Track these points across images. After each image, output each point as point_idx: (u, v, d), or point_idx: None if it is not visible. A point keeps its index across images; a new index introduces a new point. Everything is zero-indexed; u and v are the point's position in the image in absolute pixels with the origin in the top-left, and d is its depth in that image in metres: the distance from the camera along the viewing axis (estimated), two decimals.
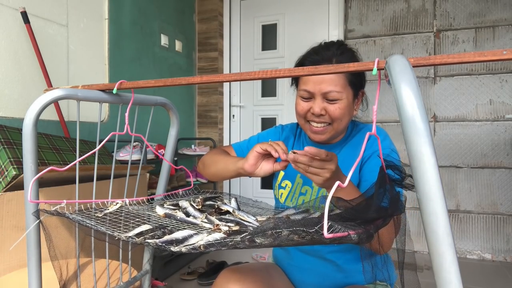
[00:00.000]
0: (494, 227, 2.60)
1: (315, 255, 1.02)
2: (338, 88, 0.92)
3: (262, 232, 0.54)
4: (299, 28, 3.08)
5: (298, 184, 1.06)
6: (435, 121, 2.73)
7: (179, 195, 1.02)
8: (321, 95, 0.94)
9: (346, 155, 1.02)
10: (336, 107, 0.93)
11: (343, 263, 0.99)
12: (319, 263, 1.01)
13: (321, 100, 0.94)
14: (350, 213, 0.56)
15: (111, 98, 0.87)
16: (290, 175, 1.08)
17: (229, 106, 3.29)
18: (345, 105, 0.94)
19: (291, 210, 0.79)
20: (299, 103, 0.99)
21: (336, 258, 1.00)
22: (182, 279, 2.18)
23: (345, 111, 0.94)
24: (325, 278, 1.01)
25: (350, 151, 1.02)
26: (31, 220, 0.79)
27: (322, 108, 0.94)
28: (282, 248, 1.12)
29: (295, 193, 1.05)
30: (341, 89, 0.93)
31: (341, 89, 0.93)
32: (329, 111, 0.94)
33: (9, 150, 1.30)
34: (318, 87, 0.93)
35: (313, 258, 1.03)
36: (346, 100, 0.94)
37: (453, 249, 0.46)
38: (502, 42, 2.58)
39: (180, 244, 0.57)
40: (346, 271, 0.99)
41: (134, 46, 2.42)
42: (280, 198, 1.08)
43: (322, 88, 0.93)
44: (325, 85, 0.92)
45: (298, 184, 1.06)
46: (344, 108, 0.94)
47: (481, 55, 0.53)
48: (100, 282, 1.02)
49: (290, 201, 1.05)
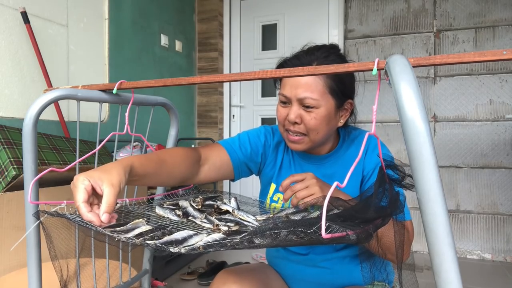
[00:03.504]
0: (494, 227, 2.60)
1: (308, 264, 0.99)
2: (314, 95, 0.85)
3: (260, 232, 0.54)
4: (299, 28, 3.08)
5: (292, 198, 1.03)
6: (435, 121, 2.73)
7: (179, 194, 1.02)
8: (297, 101, 0.87)
9: (341, 167, 0.96)
10: (312, 116, 0.86)
11: (339, 268, 0.97)
12: (313, 272, 0.98)
13: (297, 107, 0.88)
14: (348, 213, 0.56)
15: (111, 98, 0.87)
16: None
17: (229, 106, 3.29)
18: (322, 115, 0.86)
19: (290, 209, 0.79)
20: (278, 109, 0.93)
21: (331, 265, 0.97)
22: (182, 279, 2.18)
23: (322, 121, 0.87)
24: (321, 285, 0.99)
25: (345, 164, 0.96)
26: (31, 220, 0.79)
27: (297, 116, 0.87)
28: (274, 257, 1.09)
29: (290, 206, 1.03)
30: (318, 97, 0.86)
31: (318, 96, 0.86)
32: (304, 120, 0.87)
33: (9, 150, 1.30)
34: (294, 92, 0.87)
35: (306, 268, 0.99)
36: (324, 110, 0.87)
37: (453, 249, 0.46)
38: (502, 42, 2.58)
39: (180, 245, 0.57)
40: (341, 272, 0.97)
41: (134, 46, 2.42)
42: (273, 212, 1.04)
43: (298, 93, 0.86)
44: (301, 90, 0.86)
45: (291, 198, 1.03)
46: (321, 119, 0.87)
47: (481, 55, 0.53)
48: (100, 282, 1.02)
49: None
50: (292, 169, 1.02)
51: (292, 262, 1.03)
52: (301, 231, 0.51)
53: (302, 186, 0.76)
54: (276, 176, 1.03)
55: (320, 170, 0.97)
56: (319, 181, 0.78)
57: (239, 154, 1.00)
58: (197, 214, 0.77)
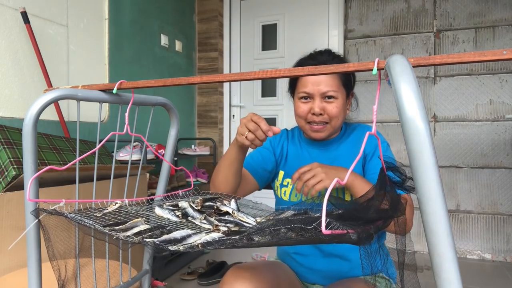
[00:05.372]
0: (494, 227, 2.60)
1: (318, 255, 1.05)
2: (334, 87, 1.02)
3: (260, 230, 0.54)
4: (299, 28, 3.08)
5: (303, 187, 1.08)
6: (435, 121, 2.73)
7: (178, 195, 1.02)
8: (320, 95, 1.03)
9: (344, 151, 1.10)
10: (333, 105, 1.03)
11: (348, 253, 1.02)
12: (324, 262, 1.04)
13: (320, 100, 1.03)
14: (350, 214, 0.56)
15: (111, 98, 0.87)
16: (291, 173, 1.10)
17: (229, 106, 3.29)
18: (341, 104, 1.04)
19: (290, 212, 0.79)
20: (299, 105, 1.06)
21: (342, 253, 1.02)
22: (182, 279, 2.18)
23: (341, 109, 1.04)
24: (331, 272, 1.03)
25: (348, 147, 1.10)
26: (31, 219, 0.79)
27: (321, 108, 1.03)
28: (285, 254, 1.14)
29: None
30: (336, 89, 1.03)
31: (336, 88, 1.03)
32: (327, 110, 1.03)
33: (9, 150, 1.30)
34: (317, 88, 1.02)
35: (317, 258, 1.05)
36: (341, 99, 1.04)
37: (453, 249, 0.46)
38: (502, 42, 2.58)
39: (178, 244, 0.57)
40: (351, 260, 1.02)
41: (134, 46, 2.42)
42: (284, 196, 1.11)
43: (321, 88, 1.02)
44: (323, 86, 1.02)
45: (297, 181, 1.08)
46: (340, 107, 1.04)
47: (481, 55, 0.53)
48: (99, 282, 1.02)
49: (295, 196, 1.09)
50: (300, 155, 1.14)
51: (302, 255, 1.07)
52: (301, 228, 0.51)
53: (310, 175, 0.89)
54: (283, 164, 1.16)
55: (325, 154, 1.11)
56: (323, 167, 0.90)
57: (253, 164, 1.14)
58: (197, 215, 0.77)
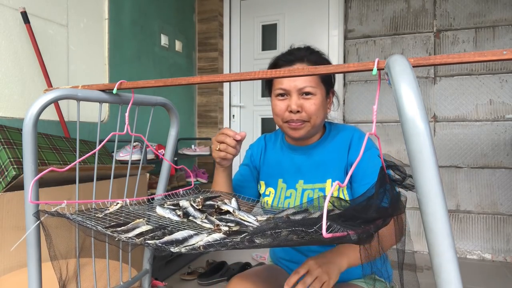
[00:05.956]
0: (494, 227, 2.60)
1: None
2: (312, 83, 0.97)
3: (261, 232, 0.54)
4: (299, 28, 3.08)
5: (282, 189, 1.07)
6: (435, 121, 2.73)
7: (179, 194, 1.02)
8: (296, 91, 0.97)
9: (329, 156, 1.04)
10: (311, 102, 0.97)
11: None
12: None
13: (297, 97, 0.98)
14: (350, 213, 0.56)
15: (111, 98, 0.87)
16: (272, 182, 1.09)
17: (229, 106, 3.29)
18: (319, 101, 0.98)
19: (291, 210, 0.79)
20: (276, 103, 1.01)
21: None
22: (182, 279, 2.18)
23: (320, 106, 0.98)
24: None
25: (333, 151, 1.04)
26: (31, 220, 0.79)
27: (299, 105, 0.97)
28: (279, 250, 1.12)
29: (280, 198, 1.06)
30: (315, 85, 0.97)
31: (315, 85, 0.98)
32: (305, 107, 0.97)
33: (9, 150, 1.30)
34: (293, 84, 0.97)
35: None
36: (320, 96, 0.98)
37: (453, 249, 0.46)
38: (502, 42, 2.58)
39: (180, 245, 0.57)
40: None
41: (134, 46, 2.42)
42: (266, 206, 1.08)
43: (297, 84, 0.97)
44: (300, 82, 0.97)
45: (282, 189, 1.07)
46: (319, 104, 0.98)
47: (481, 55, 0.53)
48: (100, 282, 1.02)
49: (277, 205, 1.06)
50: (281, 161, 1.10)
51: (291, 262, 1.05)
52: (302, 231, 0.51)
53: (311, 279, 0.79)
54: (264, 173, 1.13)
55: (309, 160, 1.06)
56: (322, 266, 0.81)
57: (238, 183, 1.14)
58: (198, 214, 0.77)
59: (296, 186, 1.04)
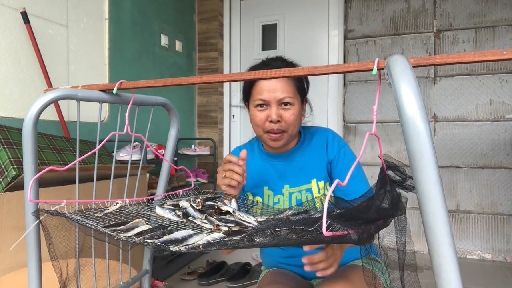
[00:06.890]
0: (494, 227, 2.60)
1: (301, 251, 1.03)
2: (290, 94, 1.00)
3: (261, 231, 0.54)
4: (299, 28, 3.08)
5: (269, 196, 1.09)
6: (435, 121, 2.73)
7: (179, 195, 1.02)
8: (276, 102, 1.00)
9: (309, 158, 1.08)
10: (290, 113, 1.01)
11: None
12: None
13: (276, 108, 1.00)
14: (350, 214, 0.56)
15: (111, 98, 0.87)
16: (258, 191, 1.11)
17: (229, 106, 3.29)
18: (297, 111, 1.02)
19: (291, 210, 0.79)
20: (256, 114, 1.03)
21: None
22: (182, 279, 2.18)
23: (297, 116, 1.02)
24: None
25: (312, 154, 1.08)
26: (31, 220, 0.79)
27: (278, 115, 1.00)
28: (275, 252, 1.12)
29: (269, 205, 1.07)
30: (293, 95, 1.01)
31: (293, 95, 1.01)
32: (284, 117, 1.00)
33: (9, 150, 1.30)
34: (273, 95, 1.00)
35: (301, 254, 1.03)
36: (297, 106, 1.02)
37: (453, 249, 0.46)
38: (502, 42, 2.58)
39: (180, 244, 0.57)
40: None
41: (134, 46, 2.42)
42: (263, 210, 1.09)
43: (277, 95, 1.00)
44: (279, 93, 1.00)
45: (269, 196, 1.09)
46: (296, 114, 1.02)
47: (481, 55, 0.53)
48: (100, 282, 1.02)
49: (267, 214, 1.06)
50: (263, 170, 1.12)
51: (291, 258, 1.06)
52: (302, 229, 0.51)
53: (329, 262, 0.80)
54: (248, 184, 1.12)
55: (291, 165, 1.09)
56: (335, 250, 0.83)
57: None
58: (198, 215, 0.77)
59: (282, 191, 1.07)
